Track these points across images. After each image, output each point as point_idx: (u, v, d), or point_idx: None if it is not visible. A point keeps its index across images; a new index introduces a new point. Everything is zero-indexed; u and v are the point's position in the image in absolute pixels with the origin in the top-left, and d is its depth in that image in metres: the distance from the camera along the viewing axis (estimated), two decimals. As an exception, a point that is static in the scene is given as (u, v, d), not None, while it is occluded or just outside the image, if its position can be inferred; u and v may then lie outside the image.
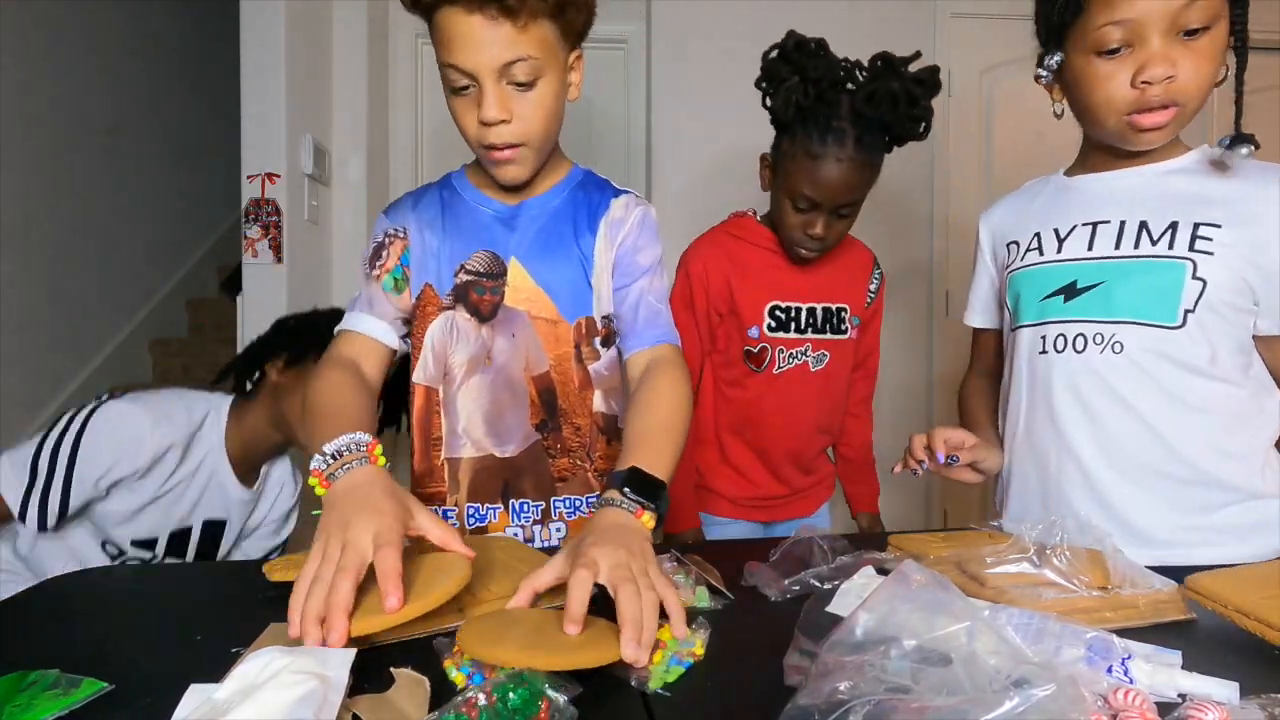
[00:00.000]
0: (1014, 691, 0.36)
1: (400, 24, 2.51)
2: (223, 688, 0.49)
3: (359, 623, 0.57)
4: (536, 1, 0.80)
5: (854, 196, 1.18)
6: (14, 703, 0.53)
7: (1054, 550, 0.73)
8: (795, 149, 1.16)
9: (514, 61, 0.81)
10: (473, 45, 0.80)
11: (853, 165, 1.14)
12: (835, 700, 0.41)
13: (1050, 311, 0.93)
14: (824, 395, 1.34)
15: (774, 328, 1.28)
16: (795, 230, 1.21)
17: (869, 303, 1.38)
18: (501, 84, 0.82)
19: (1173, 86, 0.82)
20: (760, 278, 1.28)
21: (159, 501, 1.24)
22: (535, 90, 0.84)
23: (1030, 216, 1.01)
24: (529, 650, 0.56)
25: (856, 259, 1.38)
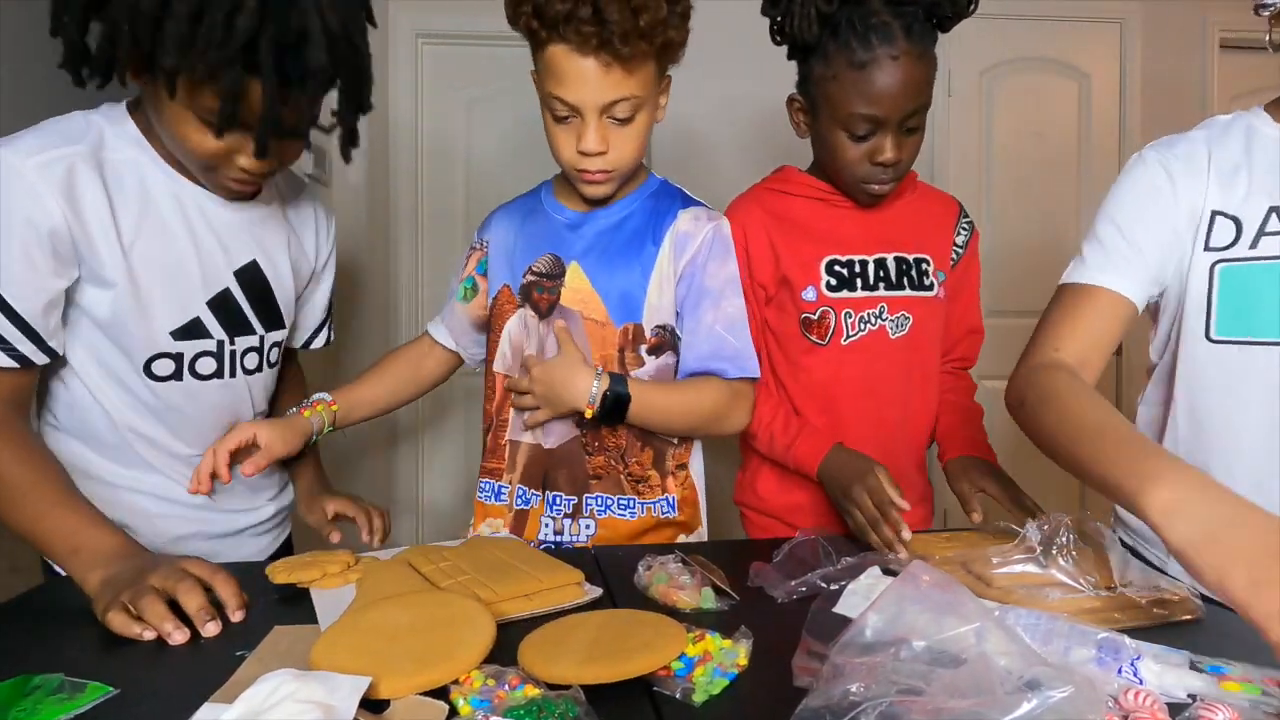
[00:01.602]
0: (1031, 694, 0.36)
1: (400, 24, 2.50)
2: (231, 710, 0.49)
3: (389, 684, 0.54)
4: (645, 46, 0.85)
5: (920, 100, 0.96)
6: (19, 707, 0.53)
7: (1060, 550, 0.73)
8: (834, 66, 0.96)
9: (617, 101, 0.87)
10: (581, 84, 0.86)
11: (910, 60, 0.93)
12: (848, 702, 0.41)
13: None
14: (911, 371, 1.07)
15: (835, 286, 1.04)
16: (859, 165, 0.99)
17: (956, 258, 1.12)
18: (603, 119, 0.88)
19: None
20: (812, 230, 1.06)
21: (145, 261, 0.85)
22: (633, 124, 0.90)
23: (1254, 182, 0.73)
24: (587, 664, 0.56)
25: (935, 202, 1.14)
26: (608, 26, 0.82)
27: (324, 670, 0.55)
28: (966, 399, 1.14)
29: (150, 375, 0.89)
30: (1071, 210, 2.57)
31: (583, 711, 0.50)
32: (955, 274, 1.12)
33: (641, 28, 0.84)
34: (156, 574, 0.71)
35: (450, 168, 2.53)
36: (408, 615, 0.64)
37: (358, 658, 0.57)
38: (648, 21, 0.84)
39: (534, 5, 0.84)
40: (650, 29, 0.85)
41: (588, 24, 0.82)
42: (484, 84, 2.55)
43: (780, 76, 1.13)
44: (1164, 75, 2.55)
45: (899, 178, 1.03)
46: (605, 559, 0.91)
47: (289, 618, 0.72)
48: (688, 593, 0.74)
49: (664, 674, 0.57)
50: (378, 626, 0.62)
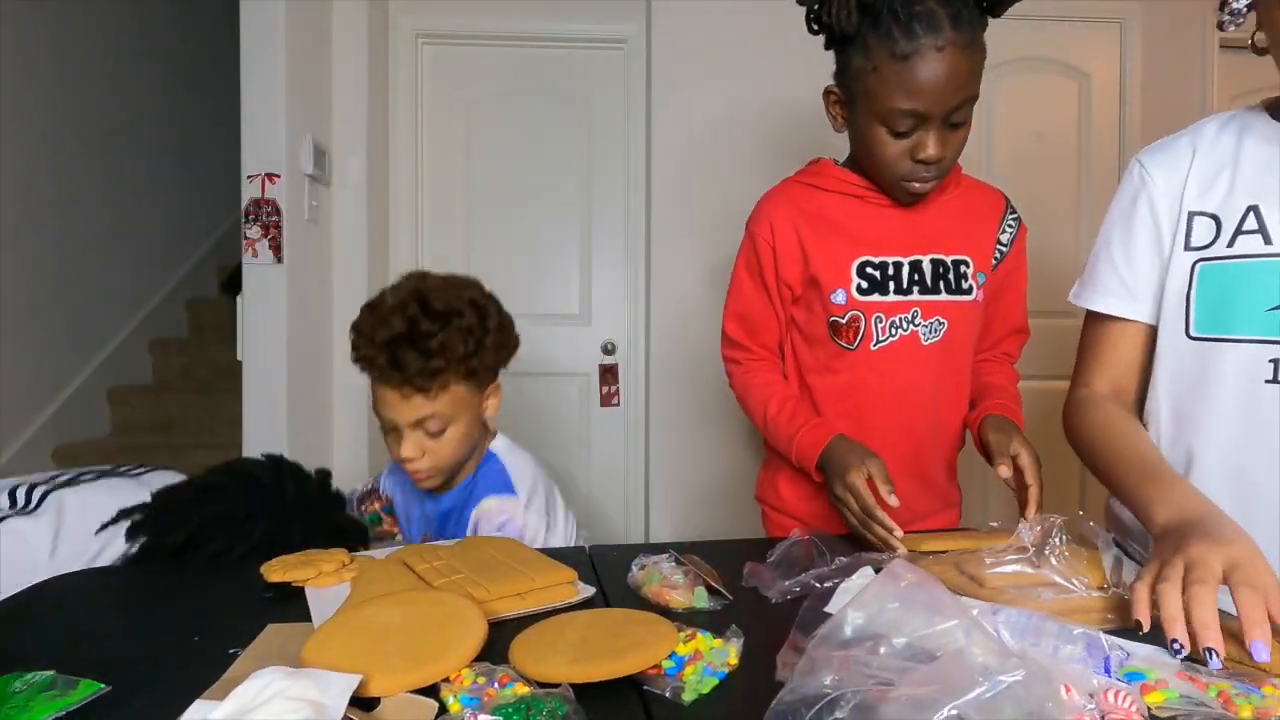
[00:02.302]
0: (982, 678, 0.37)
1: (400, 24, 2.50)
2: (222, 708, 0.49)
3: (380, 682, 0.55)
4: (445, 376, 0.99)
5: (968, 93, 0.90)
6: (10, 704, 0.53)
7: (1052, 550, 0.73)
8: (875, 58, 0.89)
9: (425, 419, 1.01)
10: (389, 408, 1.01)
11: (956, 51, 0.87)
12: (821, 693, 0.41)
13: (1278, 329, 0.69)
14: (943, 378, 1.02)
15: (866, 289, 0.98)
16: (900, 162, 0.93)
17: (999, 257, 1.05)
18: (416, 431, 1.02)
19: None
20: (844, 229, 1.00)
21: None
22: (445, 434, 1.03)
23: (1237, 182, 0.73)
24: (577, 663, 0.57)
25: (978, 197, 1.06)
26: (404, 372, 0.97)
27: (315, 668, 0.55)
28: (1007, 379, 1.09)
29: None
30: (1071, 210, 2.56)
31: (571, 710, 0.50)
32: (999, 273, 1.06)
33: (435, 367, 0.98)
34: None
35: (450, 168, 2.53)
36: (400, 613, 0.64)
37: (349, 655, 0.57)
38: (442, 365, 0.98)
39: (354, 346, 1.02)
40: (446, 369, 0.99)
41: (386, 369, 0.98)
42: (484, 84, 2.55)
43: (787, 80, 1.11)
44: (1164, 75, 2.54)
45: (942, 175, 0.96)
46: (599, 558, 0.91)
47: (283, 616, 0.72)
48: (680, 592, 0.74)
49: (654, 673, 0.57)
50: (370, 624, 0.62)
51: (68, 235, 2.63)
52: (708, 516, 2.44)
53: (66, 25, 2.63)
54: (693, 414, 2.45)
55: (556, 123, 2.56)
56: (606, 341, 2.60)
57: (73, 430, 2.63)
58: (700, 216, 2.43)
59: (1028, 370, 1.20)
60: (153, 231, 3.12)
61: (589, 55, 2.58)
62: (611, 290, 2.61)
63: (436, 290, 1.02)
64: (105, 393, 2.82)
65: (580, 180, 2.59)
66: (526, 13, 2.50)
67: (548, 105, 2.56)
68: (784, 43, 2.70)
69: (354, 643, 0.59)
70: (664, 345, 2.46)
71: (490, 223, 2.54)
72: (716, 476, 2.43)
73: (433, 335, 0.98)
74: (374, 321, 1.00)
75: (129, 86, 2.96)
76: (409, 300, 1.00)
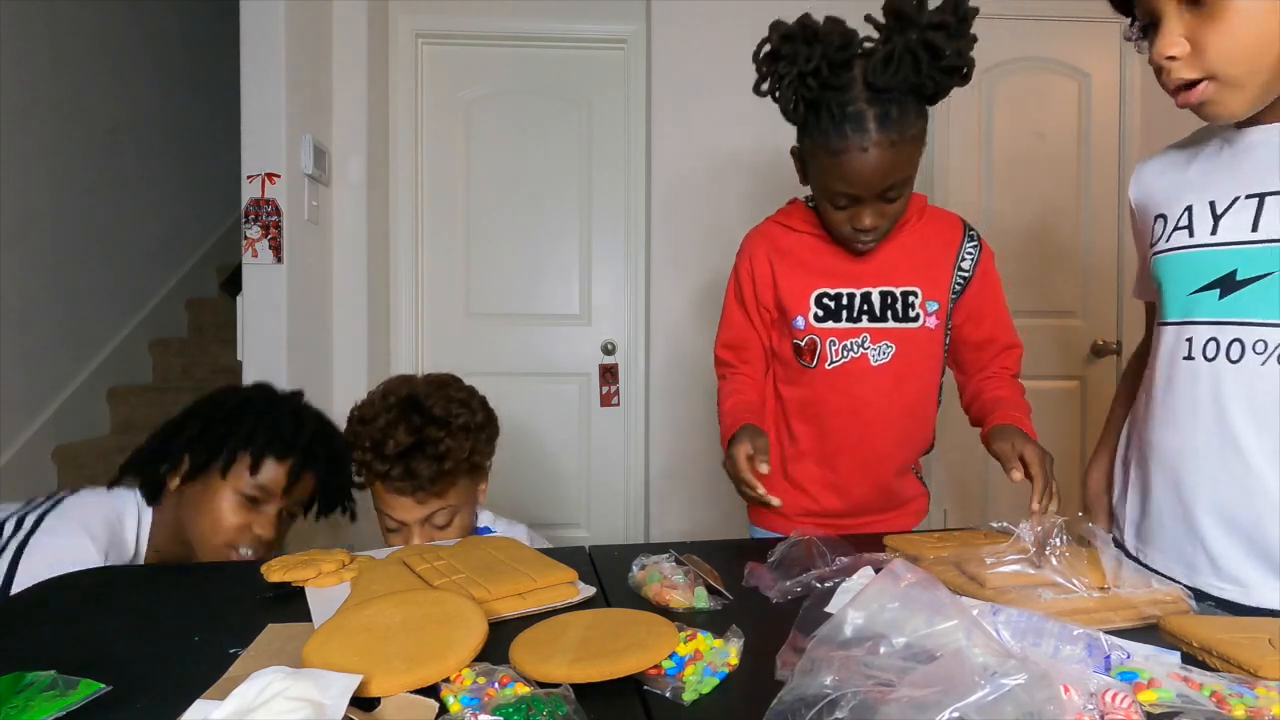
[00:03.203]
0: (984, 681, 0.37)
1: (400, 24, 2.50)
2: (222, 708, 0.49)
3: (380, 682, 0.55)
4: (454, 476, 1.05)
5: (895, 179, 1.00)
6: (11, 704, 0.53)
7: (1053, 551, 0.73)
8: (815, 145, 1.01)
9: (433, 514, 1.07)
10: (400, 511, 1.06)
11: (883, 148, 0.96)
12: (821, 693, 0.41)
13: (1200, 309, 0.76)
14: (892, 393, 1.13)
15: (822, 317, 1.12)
16: (843, 227, 1.06)
17: (961, 284, 1.15)
18: (425, 526, 1.07)
19: (1187, 65, 0.71)
20: (806, 264, 1.13)
21: None
22: (452, 524, 1.09)
23: (1184, 183, 0.82)
24: (577, 663, 0.57)
25: (935, 230, 1.15)
26: (417, 481, 1.03)
27: (316, 668, 0.55)
28: (1013, 391, 1.15)
29: None
30: (1072, 210, 2.57)
31: (572, 710, 0.50)
32: (969, 298, 1.15)
33: (447, 470, 1.04)
34: None
35: (450, 168, 2.54)
36: (400, 613, 0.64)
37: (349, 656, 0.57)
38: (452, 466, 1.04)
39: (360, 462, 1.08)
40: (455, 469, 1.05)
41: (401, 479, 1.03)
42: (484, 84, 2.55)
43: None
44: (1164, 75, 2.54)
45: (881, 237, 1.08)
46: (599, 558, 0.91)
47: (283, 616, 0.72)
48: (681, 592, 0.75)
49: (654, 673, 0.57)
50: (370, 625, 0.62)
51: (67, 235, 2.63)
52: (708, 516, 2.44)
53: (66, 25, 2.63)
54: (693, 414, 2.45)
55: (556, 123, 2.56)
56: (606, 341, 2.60)
57: (72, 430, 2.62)
58: (700, 217, 2.43)
59: (1033, 371, 1.24)
60: (153, 231, 3.11)
61: (589, 55, 2.58)
62: (611, 290, 2.61)
63: (429, 395, 1.09)
64: (105, 392, 2.82)
65: (580, 180, 2.59)
66: (526, 13, 2.50)
67: (548, 105, 2.56)
68: (784, 43, 2.70)
69: (354, 643, 0.59)
70: (664, 345, 2.46)
71: (490, 222, 2.54)
72: (716, 476, 2.43)
73: (440, 441, 1.04)
74: (375, 434, 1.06)
75: (129, 86, 2.96)
76: (406, 409, 1.06)
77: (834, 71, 0.96)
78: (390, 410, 1.06)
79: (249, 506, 1.07)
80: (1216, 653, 0.61)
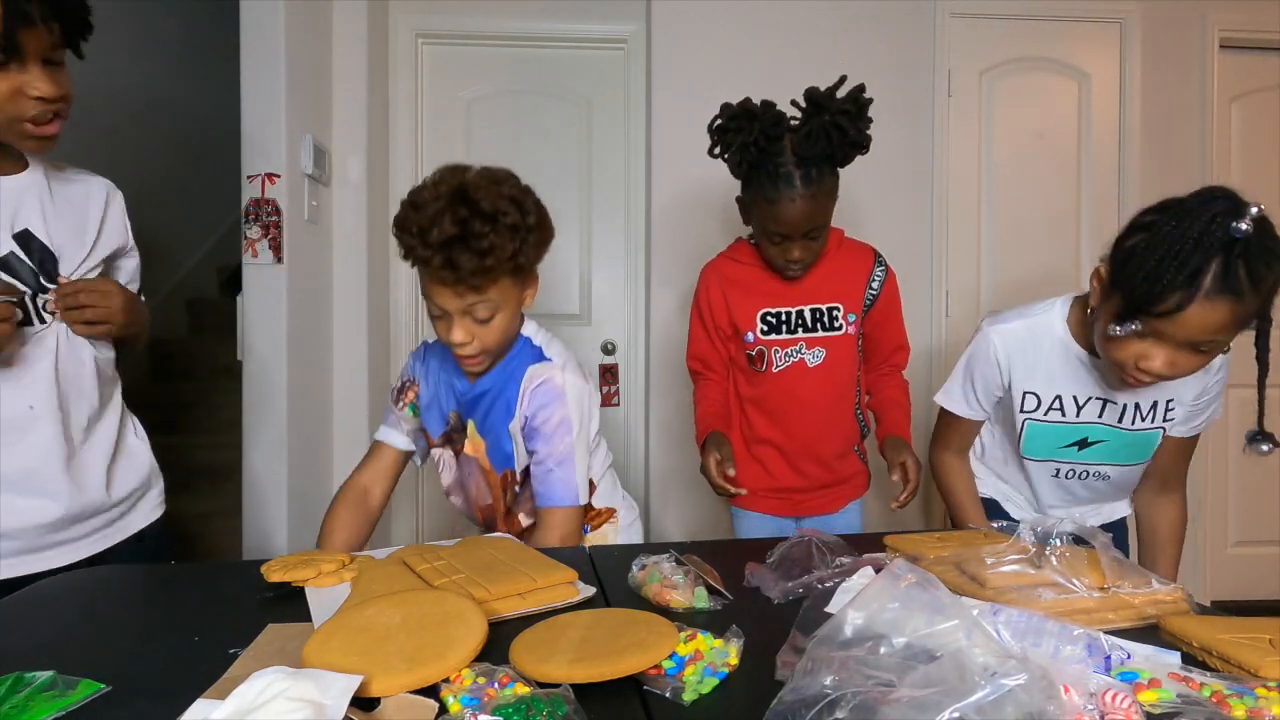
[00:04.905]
0: (985, 681, 0.37)
1: (400, 24, 2.50)
2: (223, 708, 0.49)
3: (381, 683, 0.55)
4: (496, 274, 1.03)
5: (816, 223, 1.31)
6: (10, 704, 0.53)
7: (1053, 551, 0.73)
8: (755, 196, 1.32)
9: (476, 304, 1.05)
10: (443, 300, 1.05)
11: (805, 199, 1.27)
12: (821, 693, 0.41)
13: (1067, 456, 1.22)
14: (826, 388, 1.45)
15: (766, 331, 1.43)
16: (777, 259, 1.37)
17: (870, 299, 1.46)
18: (466, 318, 1.06)
19: (1153, 378, 1.00)
20: (752, 291, 1.44)
21: None
22: (493, 321, 1.07)
23: (1054, 380, 1.18)
24: (577, 663, 0.57)
25: (852, 261, 1.47)
26: (459, 272, 1.00)
27: (316, 668, 0.55)
28: (898, 391, 1.51)
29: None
30: (1071, 210, 2.57)
31: (571, 710, 0.50)
32: (876, 312, 1.47)
33: (488, 265, 1.01)
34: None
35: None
36: (400, 614, 0.64)
37: (349, 656, 0.57)
38: (494, 261, 1.01)
39: (406, 246, 1.04)
40: (497, 266, 1.02)
41: (442, 269, 1.01)
42: (484, 84, 2.56)
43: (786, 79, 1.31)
44: (1164, 75, 2.55)
45: (806, 267, 1.39)
46: (599, 558, 0.91)
47: (283, 616, 0.72)
48: (681, 592, 0.74)
49: (654, 673, 0.57)
50: (370, 625, 0.62)
51: (68, 235, 2.63)
52: (708, 516, 2.44)
53: (66, 25, 2.63)
54: (692, 414, 2.45)
55: (556, 123, 2.56)
56: (606, 341, 2.60)
57: (73, 430, 2.62)
58: (700, 217, 2.43)
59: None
60: (153, 231, 3.11)
61: (589, 55, 2.58)
62: (611, 290, 2.61)
63: (479, 188, 1.03)
64: (105, 393, 2.82)
65: (580, 180, 2.59)
66: (526, 13, 2.50)
67: (548, 105, 2.56)
68: (783, 42, 2.70)
69: (354, 643, 0.59)
70: (664, 346, 2.46)
71: (490, 223, 2.54)
72: (716, 476, 2.43)
73: (484, 236, 1.00)
74: (423, 221, 1.01)
75: (129, 86, 2.96)
76: (455, 200, 1.01)
77: (769, 142, 1.27)
78: (439, 200, 1.02)
79: (2, 71, 0.89)
80: (1216, 653, 0.61)
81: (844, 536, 0.88)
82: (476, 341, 1.08)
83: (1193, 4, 2.55)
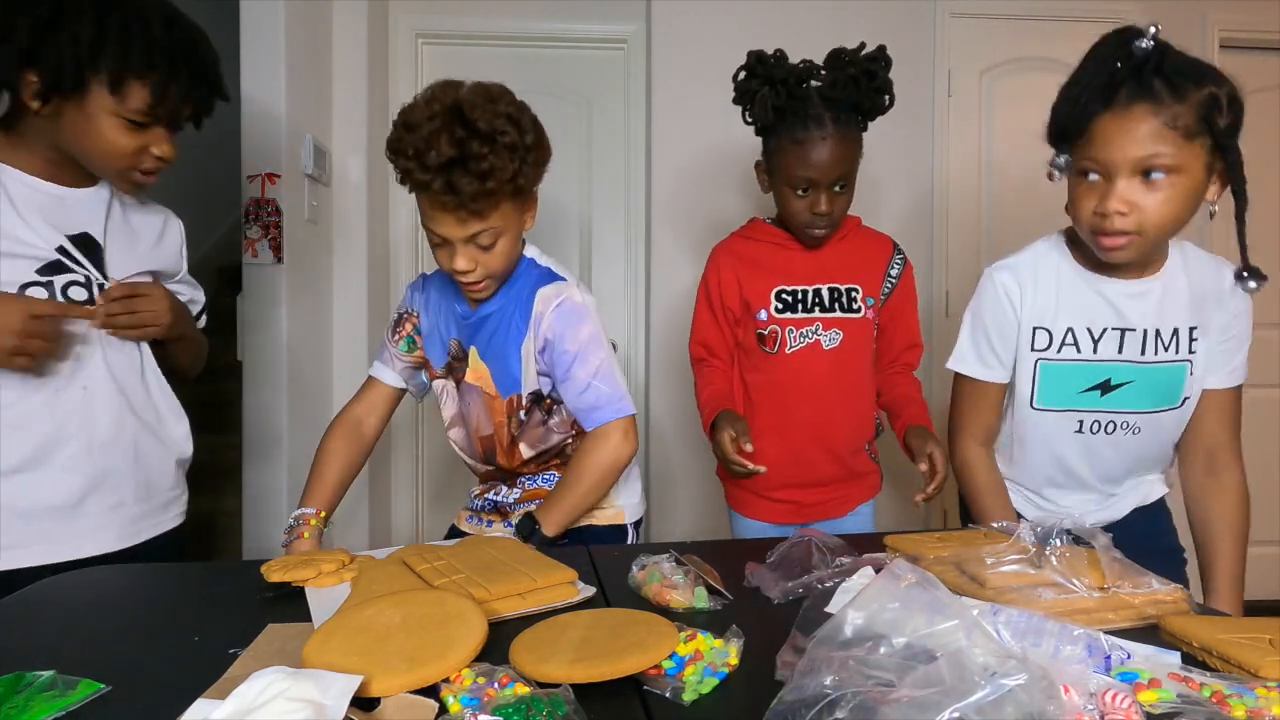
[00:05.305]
0: (984, 681, 0.37)
1: (400, 24, 2.51)
2: (223, 708, 0.49)
3: (381, 683, 0.54)
4: (497, 197, 1.01)
5: (845, 169, 1.28)
6: (10, 704, 0.53)
7: (1053, 551, 0.73)
8: (783, 142, 1.28)
9: (478, 233, 1.03)
10: (444, 226, 1.03)
11: (836, 140, 1.25)
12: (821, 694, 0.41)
13: (1088, 402, 1.10)
14: (841, 373, 1.37)
15: (781, 309, 1.36)
16: (802, 214, 1.31)
17: (889, 287, 1.41)
18: (469, 246, 1.04)
19: (1128, 220, 0.96)
20: (767, 268, 1.38)
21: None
22: (496, 247, 1.06)
23: (1060, 309, 1.10)
24: (577, 663, 0.57)
25: (872, 244, 1.42)
26: (460, 196, 0.97)
27: (316, 668, 0.55)
28: (913, 388, 1.43)
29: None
30: (1072, 210, 2.57)
31: (571, 710, 0.50)
32: (892, 301, 1.41)
33: (489, 189, 0.98)
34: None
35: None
36: (400, 614, 0.64)
37: (349, 656, 0.57)
38: (495, 184, 0.98)
39: (403, 170, 1.00)
40: (498, 189, 0.99)
41: (442, 193, 0.98)
42: (484, 84, 2.55)
43: None
44: (1164, 75, 2.55)
45: (833, 225, 1.33)
46: (599, 558, 0.91)
47: (283, 616, 0.72)
48: (681, 592, 0.74)
49: (654, 673, 0.57)
50: (370, 625, 0.62)
51: (68, 235, 2.63)
52: (708, 516, 2.44)
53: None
54: (693, 414, 2.43)
55: (557, 123, 2.54)
56: (606, 341, 2.60)
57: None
58: (700, 216, 2.43)
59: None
60: (153, 231, 3.11)
61: (589, 55, 2.58)
62: (611, 290, 2.61)
63: (475, 105, 0.99)
64: None
65: (580, 180, 2.59)
66: (527, 13, 2.50)
67: (548, 106, 2.54)
68: (783, 43, 2.70)
69: (354, 643, 0.59)
70: (664, 345, 2.46)
71: (490, 223, 2.54)
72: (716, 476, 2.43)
73: (484, 158, 0.97)
74: (418, 143, 0.97)
75: None
76: (451, 119, 0.97)
77: (798, 85, 1.25)
78: (434, 119, 0.98)
79: (135, 129, 0.99)
80: (1216, 653, 0.61)
81: (844, 536, 0.88)
82: (480, 268, 1.06)
83: (1193, 4, 2.55)
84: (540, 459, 1.21)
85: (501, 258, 1.07)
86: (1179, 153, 0.94)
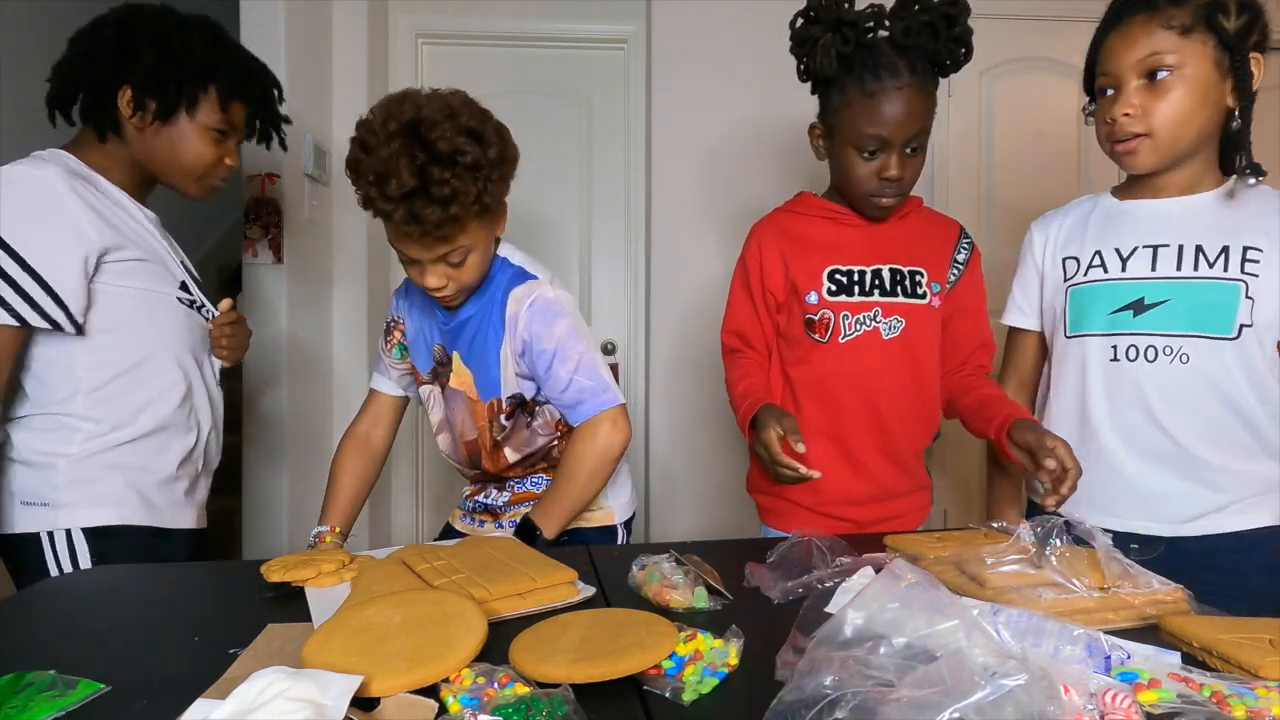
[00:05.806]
0: (985, 681, 0.37)
1: (400, 24, 2.50)
2: (223, 708, 0.49)
3: (381, 683, 0.54)
4: (463, 220, 0.99)
5: (920, 125, 1.12)
6: (10, 704, 0.53)
7: (1053, 551, 0.73)
8: (849, 95, 1.10)
9: (447, 254, 1.03)
10: (412, 250, 1.02)
11: (912, 91, 1.09)
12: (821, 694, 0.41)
13: (1122, 324, 1.04)
14: (903, 367, 1.18)
15: (834, 292, 1.17)
16: (869, 180, 1.13)
17: (956, 274, 1.22)
18: (439, 264, 1.04)
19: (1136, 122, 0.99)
20: (819, 245, 1.20)
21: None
22: (466, 262, 1.05)
23: (1087, 236, 1.10)
24: (577, 663, 0.57)
25: (936, 224, 1.25)
26: (424, 225, 0.96)
27: (316, 668, 0.55)
28: (996, 388, 1.20)
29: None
30: (1072, 210, 2.56)
31: (571, 710, 0.50)
32: (958, 290, 1.22)
33: (454, 214, 0.96)
34: None
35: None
36: (400, 614, 0.64)
37: (349, 656, 0.57)
38: (459, 209, 0.96)
39: (364, 195, 0.99)
40: (463, 213, 0.97)
41: (405, 224, 0.96)
42: (484, 84, 2.55)
43: (786, 79, 1.17)
44: (1164, 75, 2.54)
45: (903, 194, 1.16)
46: (599, 558, 0.91)
47: (283, 616, 0.72)
48: (681, 592, 0.74)
49: (654, 673, 0.57)
50: (370, 625, 0.62)
51: (68, 235, 2.63)
52: (708, 516, 2.44)
53: (65, 24, 2.63)
54: (692, 413, 2.45)
55: (557, 123, 2.56)
56: (606, 341, 2.60)
57: (73, 430, 2.62)
58: (700, 216, 2.43)
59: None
60: (153, 231, 3.11)
61: (589, 55, 2.58)
62: (611, 290, 2.61)
63: (434, 124, 0.95)
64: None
65: (580, 180, 2.59)
66: (526, 13, 2.50)
67: (548, 106, 2.56)
68: (783, 42, 2.69)
69: (354, 643, 0.59)
70: (664, 345, 2.46)
71: (490, 223, 2.54)
72: (716, 476, 2.43)
73: (445, 183, 0.94)
74: (377, 167, 0.94)
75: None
76: (409, 142, 0.94)
77: (866, 31, 1.09)
78: (392, 140, 0.94)
79: (219, 140, 1.16)
80: (1216, 653, 0.61)
81: (844, 536, 0.88)
82: (452, 284, 1.06)
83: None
84: (526, 462, 1.21)
85: (473, 270, 1.07)
86: (1179, 50, 0.97)
